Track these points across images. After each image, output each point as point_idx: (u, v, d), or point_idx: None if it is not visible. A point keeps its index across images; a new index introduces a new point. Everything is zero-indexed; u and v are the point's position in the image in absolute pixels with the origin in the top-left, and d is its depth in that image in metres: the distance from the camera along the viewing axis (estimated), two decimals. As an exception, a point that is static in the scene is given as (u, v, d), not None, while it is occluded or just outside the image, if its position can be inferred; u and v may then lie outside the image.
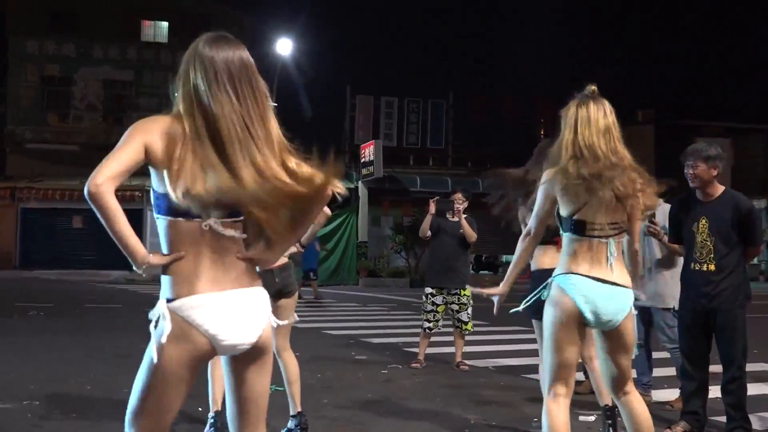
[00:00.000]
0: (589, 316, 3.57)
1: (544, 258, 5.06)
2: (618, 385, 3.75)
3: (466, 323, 8.32)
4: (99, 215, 2.36)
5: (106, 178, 2.34)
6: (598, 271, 3.59)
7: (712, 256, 5.25)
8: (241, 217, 2.51)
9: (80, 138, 31.86)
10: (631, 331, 3.71)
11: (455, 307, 8.33)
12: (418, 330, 8.75)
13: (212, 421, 4.98)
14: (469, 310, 8.36)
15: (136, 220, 25.92)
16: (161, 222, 2.49)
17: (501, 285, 3.95)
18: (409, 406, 6.38)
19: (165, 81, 33.30)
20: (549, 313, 3.64)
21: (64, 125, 32.12)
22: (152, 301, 2.51)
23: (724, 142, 34.47)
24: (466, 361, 8.41)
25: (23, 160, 29.37)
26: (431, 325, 8.41)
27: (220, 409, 4.91)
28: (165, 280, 2.49)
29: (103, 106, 32.51)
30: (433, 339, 8.73)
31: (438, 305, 8.38)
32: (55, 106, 32.23)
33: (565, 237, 3.69)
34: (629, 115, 34.95)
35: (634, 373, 4.26)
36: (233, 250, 2.52)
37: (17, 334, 10.37)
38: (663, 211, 5.89)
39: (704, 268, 5.29)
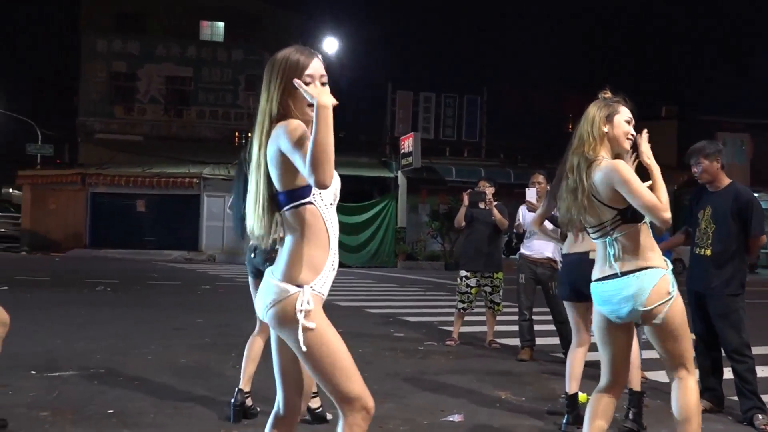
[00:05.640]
0: None
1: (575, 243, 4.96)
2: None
3: (498, 304, 8.27)
4: None
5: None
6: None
7: (710, 242, 5.27)
8: None
9: (144, 129, 32.36)
10: None
11: (488, 289, 8.28)
12: (453, 310, 8.73)
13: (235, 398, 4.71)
14: (501, 292, 8.31)
15: (194, 206, 26.15)
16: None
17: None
18: (443, 380, 6.35)
19: (221, 77, 33.77)
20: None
21: (129, 117, 32.61)
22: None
23: (743, 136, 33.74)
24: (498, 340, 8.36)
25: (93, 148, 29.97)
26: (465, 305, 8.37)
27: (245, 389, 4.69)
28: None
29: (165, 100, 32.90)
30: (466, 318, 8.70)
31: (472, 287, 8.33)
32: (121, 99, 32.74)
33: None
34: (653, 110, 34.35)
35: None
36: None
37: (86, 306, 10.54)
38: None
39: (702, 252, 5.33)
